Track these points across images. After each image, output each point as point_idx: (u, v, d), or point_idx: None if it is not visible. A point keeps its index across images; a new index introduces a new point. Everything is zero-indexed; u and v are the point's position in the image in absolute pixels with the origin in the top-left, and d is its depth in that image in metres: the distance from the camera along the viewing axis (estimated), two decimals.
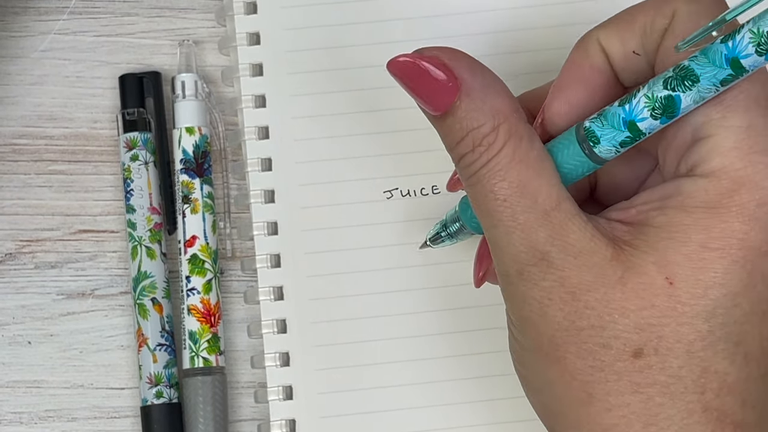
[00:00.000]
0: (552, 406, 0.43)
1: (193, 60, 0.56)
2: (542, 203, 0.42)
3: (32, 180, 0.56)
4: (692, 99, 0.41)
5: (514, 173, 0.43)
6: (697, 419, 0.41)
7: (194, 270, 0.54)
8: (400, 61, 0.44)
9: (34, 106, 0.57)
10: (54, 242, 0.56)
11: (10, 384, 0.55)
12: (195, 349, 0.54)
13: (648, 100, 0.41)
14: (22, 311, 0.55)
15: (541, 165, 0.43)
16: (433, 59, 0.43)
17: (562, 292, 0.42)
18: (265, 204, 0.55)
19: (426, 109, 0.44)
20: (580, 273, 0.42)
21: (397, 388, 0.54)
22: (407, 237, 0.55)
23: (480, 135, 0.43)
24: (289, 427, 0.54)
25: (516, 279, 0.43)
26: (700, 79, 0.40)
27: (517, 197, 0.42)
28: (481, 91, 0.43)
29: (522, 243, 0.42)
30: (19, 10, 0.57)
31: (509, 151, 0.43)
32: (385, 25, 0.56)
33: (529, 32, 0.56)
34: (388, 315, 0.54)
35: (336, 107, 0.55)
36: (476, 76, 0.43)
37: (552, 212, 0.42)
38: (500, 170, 0.43)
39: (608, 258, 0.42)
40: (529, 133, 0.43)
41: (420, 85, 0.44)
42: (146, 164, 0.55)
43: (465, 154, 0.43)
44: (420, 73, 0.43)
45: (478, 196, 0.43)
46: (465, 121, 0.43)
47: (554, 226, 0.42)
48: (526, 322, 0.43)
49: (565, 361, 0.42)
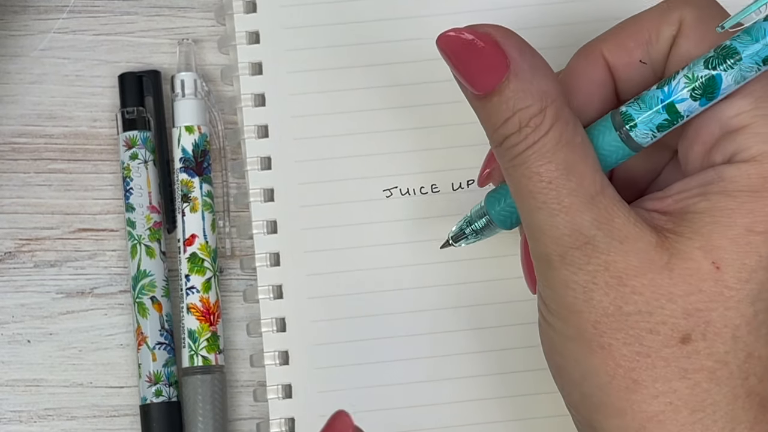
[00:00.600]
0: (593, 396, 0.43)
1: (193, 59, 0.56)
2: (588, 187, 0.42)
3: (32, 179, 0.56)
4: (733, 78, 0.42)
5: (560, 155, 0.42)
6: (741, 404, 0.41)
7: (193, 269, 0.54)
8: (450, 35, 0.43)
9: (34, 104, 0.57)
10: (53, 241, 0.56)
11: (9, 383, 0.55)
12: (194, 347, 0.54)
13: (688, 80, 0.42)
14: (21, 310, 0.55)
15: (586, 150, 0.43)
16: (484, 36, 0.43)
17: (607, 277, 0.42)
18: (265, 203, 0.55)
19: (469, 89, 0.43)
20: (626, 258, 0.42)
21: (396, 386, 0.54)
22: (407, 236, 0.55)
23: (527, 116, 0.42)
24: (288, 425, 0.54)
25: (558, 263, 0.43)
26: (742, 57, 0.41)
27: (563, 179, 0.42)
28: (530, 72, 0.43)
29: (566, 226, 0.42)
30: (19, 8, 0.57)
31: (556, 134, 0.42)
32: (385, 25, 0.56)
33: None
34: (387, 313, 0.54)
35: (335, 106, 0.55)
36: (525, 57, 0.43)
37: (597, 196, 0.42)
38: (547, 152, 0.42)
39: (654, 244, 0.42)
40: (574, 119, 0.43)
41: (467, 63, 0.43)
42: (146, 163, 0.55)
43: (510, 134, 0.43)
44: (469, 50, 0.43)
45: (522, 178, 0.43)
46: (512, 101, 0.42)
47: (600, 210, 0.42)
48: (568, 308, 0.43)
49: (610, 348, 0.42)
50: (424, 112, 0.55)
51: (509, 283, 0.54)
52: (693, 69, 0.42)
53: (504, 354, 0.54)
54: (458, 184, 0.55)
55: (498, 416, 0.54)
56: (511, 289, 0.54)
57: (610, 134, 0.44)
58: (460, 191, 0.55)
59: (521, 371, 0.54)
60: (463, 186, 0.55)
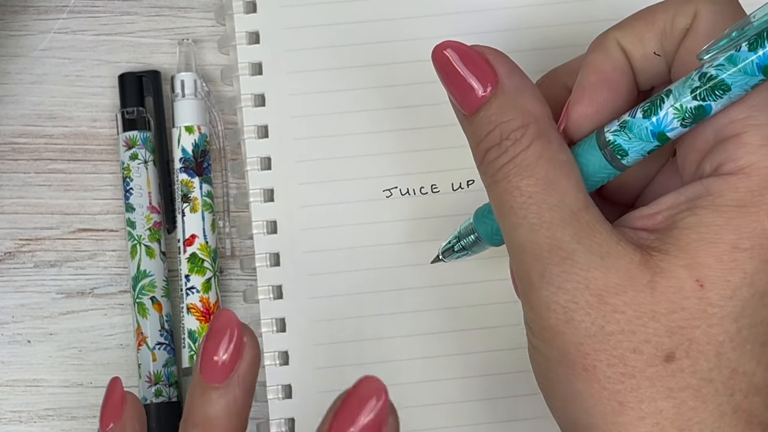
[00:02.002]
0: (581, 420, 0.42)
1: (193, 59, 0.56)
2: (570, 203, 0.42)
3: (32, 179, 0.56)
4: (722, 105, 0.41)
5: (541, 170, 0.42)
6: (728, 421, 0.41)
7: (193, 269, 0.54)
8: (443, 51, 0.44)
9: (34, 105, 0.57)
10: (53, 241, 0.56)
11: (9, 383, 0.55)
12: (194, 347, 0.54)
13: (677, 111, 0.41)
14: (21, 310, 0.55)
15: (570, 169, 0.42)
16: (477, 52, 0.43)
17: (588, 295, 0.41)
18: (265, 203, 0.55)
19: (458, 105, 0.44)
20: (607, 275, 0.41)
21: (396, 386, 0.54)
22: (406, 236, 0.55)
23: (508, 129, 0.42)
24: (287, 425, 0.54)
25: (538, 283, 0.42)
26: (731, 87, 0.40)
27: (543, 194, 0.42)
28: (516, 91, 0.43)
29: (546, 241, 0.41)
30: (19, 8, 0.57)
31: (537, 149, 0.42)
32: (385, 25, 0.56)
33: (531, 31, 0.56)
34: (387, 314, 0.54)
35: (335, 106, 0.55)
36: (514, 78, 0.43)
37: (579, 212, 0.42)
38: (528, 166, 0.42)
39: (636, 262, 0.41)
40: (558, 139, 0.43)
41: (458, 78, 0.43)
42: (145, 163, 0.55)
43: (491, 147, 0.43)
44: (461, 65, 0.43)
45: (502, 193, 0.42)
46: (495, 116, 0.43)
47: (581, 225, 0.41)
48: (551, 331, 0.42)
49: (594, 370, 0.41)
50: (424, 112, 0.55)
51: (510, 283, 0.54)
52: (680, 100, 0.41)
53: (504, 354, 0.54)
54: (458, 184, 0.55)
55: (498, 416, 0.54)
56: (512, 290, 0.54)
57: (595, 156, 0.43)
58: (460, 191, 0.55)
59: (522, 371, 0.54)
60: (463, 186, 0.55)
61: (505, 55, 0.44)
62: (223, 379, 0.42)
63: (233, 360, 0.42)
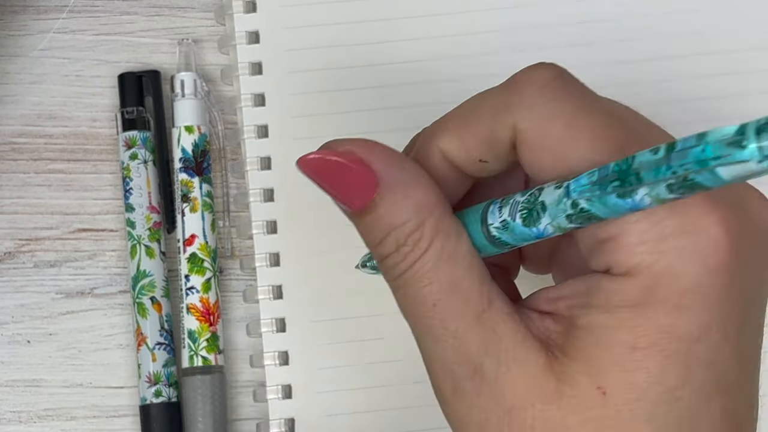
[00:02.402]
0: None
1: (193, 59, 0.56)
2: (474, 305, 0.39)
3: (31, 179, 0.56)
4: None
5: (444, 274, 0.39)
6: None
7: (193, 269, 0.54)
8: (310, 158, 0.40)
9: (33, 104, 0.57)
10: (53, 241, 0.56)
11: (9, 383, 0.55)
12: (194, 348, 0.54)
13: (554, 228, 0.38)
14: (21, 310, 0.55)
15: (471, 261, 0.39)
16: (346, 154, 0.40)
17: (499, 412, 0.39)
18: (265, 203, 0.55)
19: (343, 207, 0.41)
20: (513, 387, 0.39)
21: (396, 386, 0.54)
22: None
23: (404, 234, 0.39)
24: (288, 426, 0.54)
25: (451, 397, 0.40)
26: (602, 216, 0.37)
27: (447, 300, 0.39)
28: (402, 185, 0.39)
29: (455, 354, 0.39)
30: (18, 8, 0.57)
31: (437, 249, 0.39)
32: (385, 24, 0.56)
33: None
34: (387, 314, 0.54)
35: (335, 106, 0.55)
36: (394, 169, 0.39)
37: (483, 314, 0.39)
38: (428, 271, 0.39)
39: (541, 367, 0.39)
40: (456, 227, 0.40)
41: (335, 183, 0.40)
42: (145, 163, 0.55)
43: (388, 254, 0.40)
44: (334, 170, 0.40)
45: (406, 300, 0.40)
46: (386, 218, 0.39)
47: (486, 330, 0.39)
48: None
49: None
50: (423, 112, 0.55)
51: None
52: (557, 220, 0.38)
53: None
54: None
55: None
56: None
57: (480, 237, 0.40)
58: None
59: None
60: None
61: (378, 144, 0.40)
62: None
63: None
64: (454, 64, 0.55)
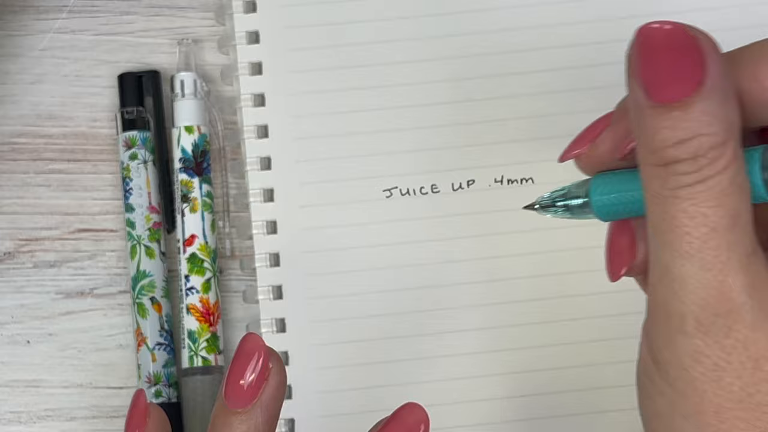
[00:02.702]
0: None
1: (192, 59, 0.56)
2: (747, 244, 0.36)
3: (31, 179, 0.56)
4: None
5: (732, 201, 0.36)
6: None
7: (193, 269, 0.54)
8: (659, 28, 0.36)
9: (33, 105, 0.57)
10: (53, 241, 0.56)
11: (9, 383, 0.55)
12: (194, 348, 0.54)
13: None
14: (20, 310, 0.55)
15: (749, 200, 0.37)
16: (691, 38, 0.36)
17: (744, 357, 0.36)
18: (264, 203, 0.55)
19: (645, 93, 0.36)
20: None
21: (396, 387, 0.54)
22: (407, 236, 0.54)
23: (708, 144, 0.36)
24: (287, 426, 0.53)
25: (693, 330, 0.37)
26: None
27: (727, 230, 0.36)
28: (723, 94, 0.36)
29: (716, 286, 0.36)
30: (18, 8, 0.57)
31: (731, 174, 0.36)
32: (385, 24, 0.56)
33: None
34: (387, 314, 0.54)
35: (335, 106, 0.55)
36: (723, 76, 0.36)
37: (752, 256, 0.37)
38: (719, 193, 0.36)
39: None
40: (743, 161, 0.37)
41: (658, 63, 0.36)
42: (145, 163, 0.55)
43: (682, 160, 0.36)
44: (671, 50, 0.36)
45: (680, 214, 0.36)
46: (696, 123, 0.36)
47: (753, 274, 0.37)
48: (691, 384, 0.37)
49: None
50: (423, 112, 0.55)
51: (510, 283, 0.54)
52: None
53: (506, 354, 0.54)
54: (458, 184, 0.55)
55: (498, 417, 0.53)
56: (513, 290, 0.54)
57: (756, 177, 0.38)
58: (460, 191, 0.55)
59: (525, 371, 0.53)
60: (463, 186, 0.55)
61: (717, 46, 0.37)
62: (246, 403, 0.41)
63: (258, 385, 0.41)
64: (454, 64, 0.55)
